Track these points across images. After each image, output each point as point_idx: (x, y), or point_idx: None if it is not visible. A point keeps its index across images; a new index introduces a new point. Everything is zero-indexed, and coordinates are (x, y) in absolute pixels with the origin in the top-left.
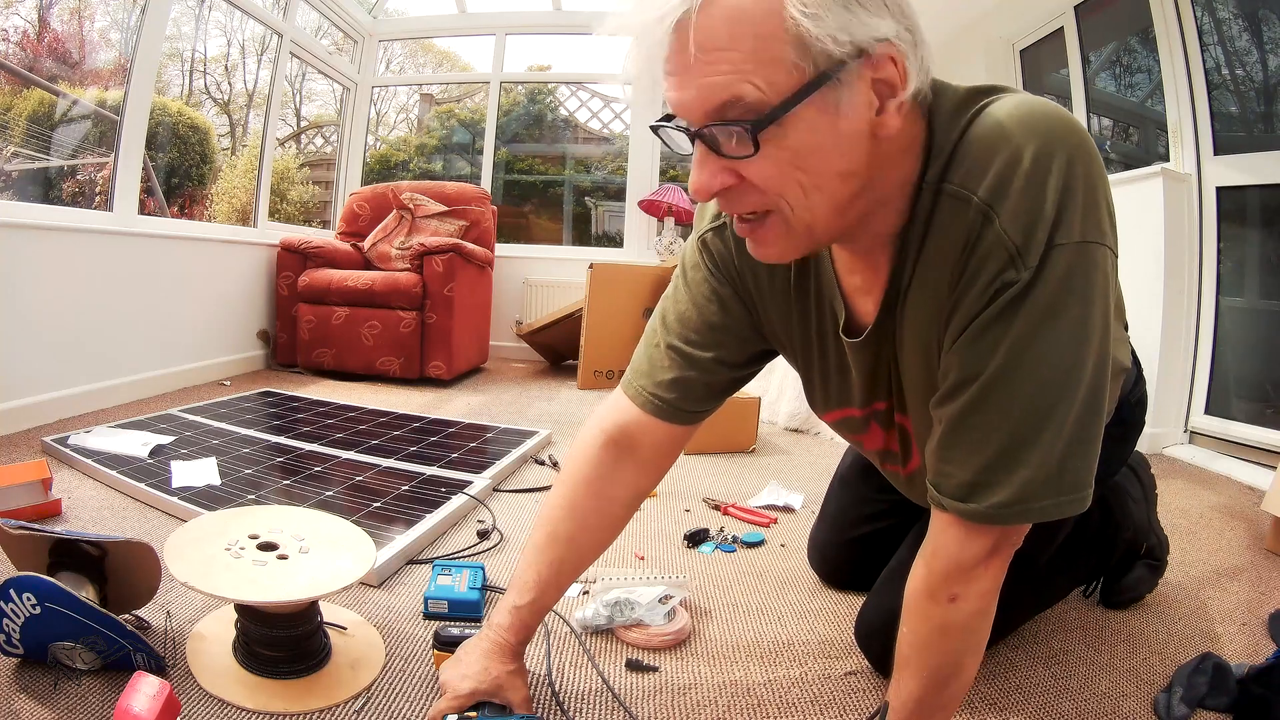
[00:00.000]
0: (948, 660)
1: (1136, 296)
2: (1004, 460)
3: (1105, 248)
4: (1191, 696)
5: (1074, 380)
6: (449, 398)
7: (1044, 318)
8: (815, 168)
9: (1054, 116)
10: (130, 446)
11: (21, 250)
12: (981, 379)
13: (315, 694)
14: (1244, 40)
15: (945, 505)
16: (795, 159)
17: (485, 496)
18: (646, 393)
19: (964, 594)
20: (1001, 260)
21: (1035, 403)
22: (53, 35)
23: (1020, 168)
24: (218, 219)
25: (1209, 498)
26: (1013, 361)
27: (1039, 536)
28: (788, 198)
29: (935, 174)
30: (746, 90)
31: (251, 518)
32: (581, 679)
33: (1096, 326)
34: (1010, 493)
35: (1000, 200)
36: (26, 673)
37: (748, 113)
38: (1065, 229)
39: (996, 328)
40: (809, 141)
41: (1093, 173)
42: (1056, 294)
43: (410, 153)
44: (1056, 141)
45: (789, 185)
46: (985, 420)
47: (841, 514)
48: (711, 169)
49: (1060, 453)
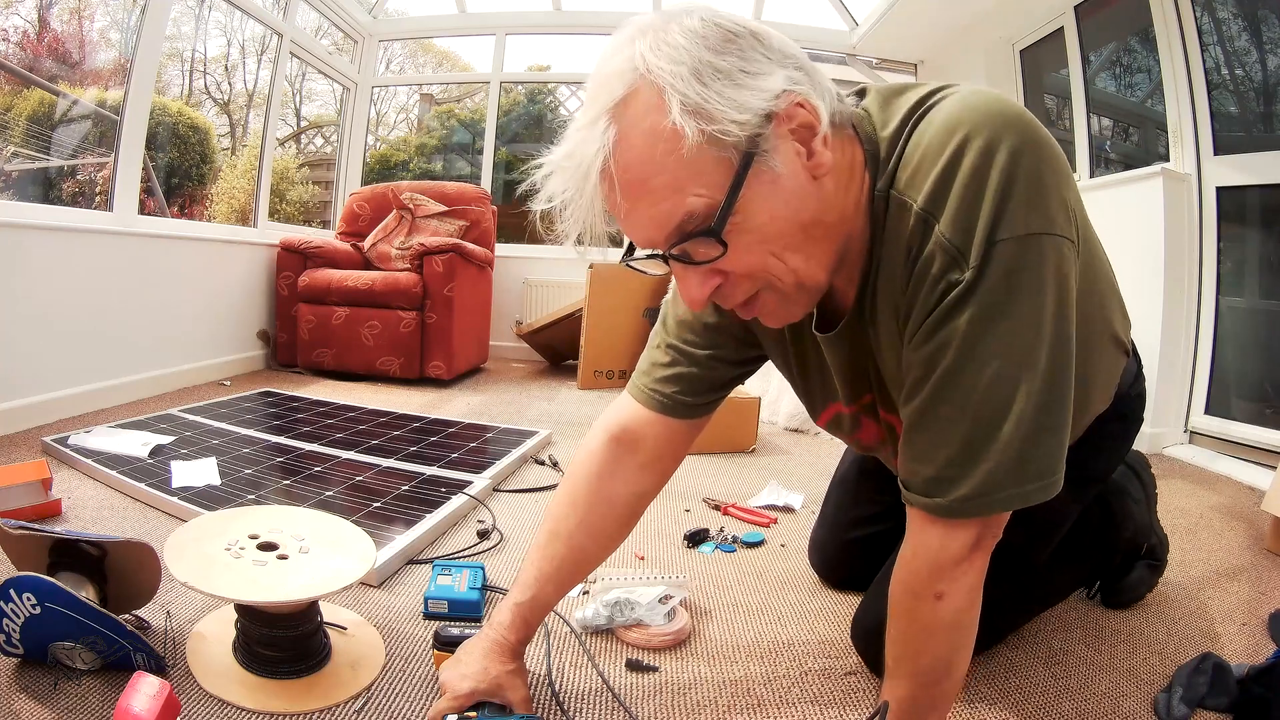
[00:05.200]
0: (938, 659)
1: (1137, 296)
2: (965, 453)
3: (1057, 236)
4: (1191, 696)
5: (1028, 372)
6: (449, 398)
7: (990, 313)
8: (781, 234)
9: (996, 111)
10: (130, 446)
11: (21, 250)
12: (935, 376)
13: (315, 694)
14: (1244, 40)
15: (914, 501)
16: (762, 237)
17: (485, 496)
18: (647, 389)
19: (949, 591)
20: (944, 262)
21: (990, 396)
22: (53, 35)
23: (959, 170)
24: (217, 219)
25: (1209, 498)
26: (963, 357)
27: (1035, 534)
28: (771, 272)
29: (884, 183)
30: (693, 203)
31: (251, 518)
32: (581, 679)
33: (1049, 316)
34: (973, 485)
35: (939, 205)
36: (26, 673)
37: (704, 221)
38: (1007, 224)
39: (946, 326)
40: (764, 217)
41: (1040, 164)
42: (1001, 289)
43: (410, 153)
44: (998, 137)
45: (766, 262)
46: (943, 415)
47: (840, 515)
48: (696, 279)
49: (1021, 443)
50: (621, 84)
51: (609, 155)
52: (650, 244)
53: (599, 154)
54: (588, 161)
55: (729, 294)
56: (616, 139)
